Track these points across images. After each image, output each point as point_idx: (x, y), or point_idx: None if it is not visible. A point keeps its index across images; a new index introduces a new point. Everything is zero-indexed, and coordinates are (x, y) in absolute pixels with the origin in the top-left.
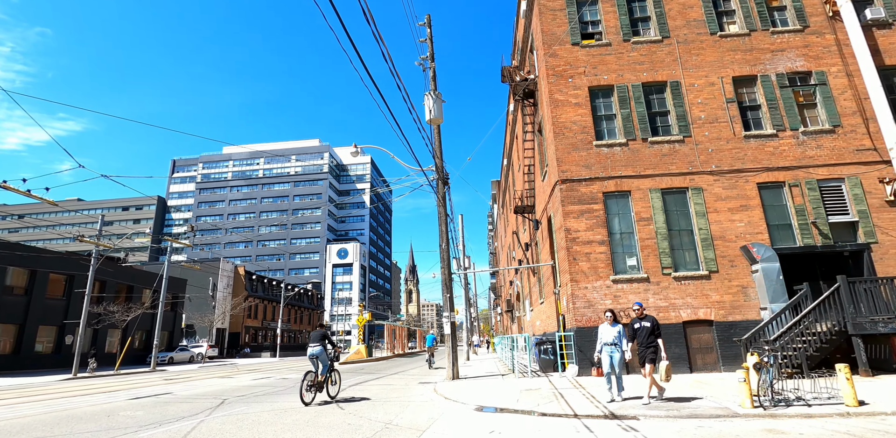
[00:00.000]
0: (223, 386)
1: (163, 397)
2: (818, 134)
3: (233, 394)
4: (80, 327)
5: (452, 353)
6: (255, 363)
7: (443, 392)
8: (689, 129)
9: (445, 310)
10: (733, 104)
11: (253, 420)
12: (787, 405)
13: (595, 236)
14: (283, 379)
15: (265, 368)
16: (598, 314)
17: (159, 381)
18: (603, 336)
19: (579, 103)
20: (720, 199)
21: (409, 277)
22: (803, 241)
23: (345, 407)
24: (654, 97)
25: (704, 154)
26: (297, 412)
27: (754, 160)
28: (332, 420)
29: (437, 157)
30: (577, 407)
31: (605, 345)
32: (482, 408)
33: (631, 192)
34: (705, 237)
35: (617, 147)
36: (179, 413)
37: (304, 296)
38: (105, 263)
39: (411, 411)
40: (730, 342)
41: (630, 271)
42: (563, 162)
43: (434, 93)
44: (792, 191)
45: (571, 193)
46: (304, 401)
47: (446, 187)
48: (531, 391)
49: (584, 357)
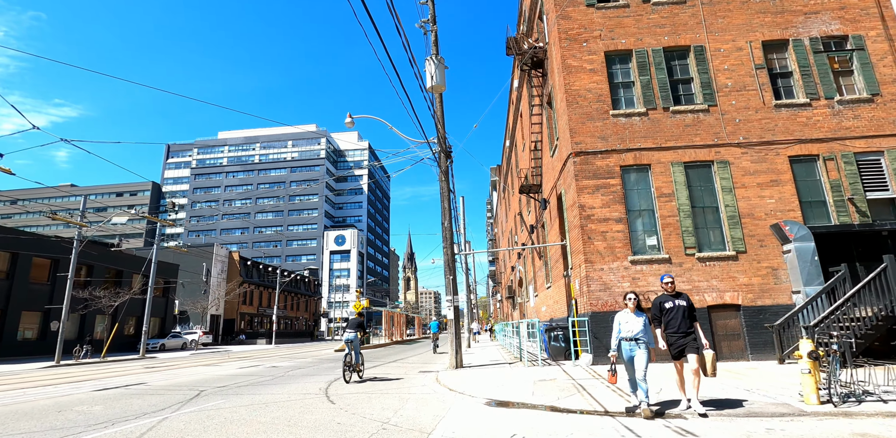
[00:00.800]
0: (205, 376)
1: (134, 388)
2: (855, 103)
3: (213, 385)
4: (62, 312)
5: (456, 340)
6: (248, 350)
7: (447, 383)
8: (714, 97)
9: (448, 293)
10: (763, 71)
11: (225, 417)
12: (857, 401)
13: (612, 213)
14: (272, 368)
15: (257, 355)
16: (615, 297)
17: (140, 369)
18: (621, 328)
19: (594, 70)
20: (748, 173)
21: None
22: (839, 219)
23: (336, 402)
24: (676, 63)
25: (731, 125)
26: (279, 407)
27: (785, 132)
28: (317, 419)
29: (440, 126)
30: (607, 402)
31: (624, 340)
32: (494, 402)
33: (651, 165)
34: (732, 215)
35: (636, 117)
36: (144, 408)
37: (300, 282)
38: (92, 247)
39: (412, 406)
40: (759, 329)
41: (650, 252)
42: (577, 133)
43: (436, 58)
44: (826, 165)
45: (586, 166)
46: (346, 380)
47: (449, 161)
48: (545, 382)
49: (600, 344)
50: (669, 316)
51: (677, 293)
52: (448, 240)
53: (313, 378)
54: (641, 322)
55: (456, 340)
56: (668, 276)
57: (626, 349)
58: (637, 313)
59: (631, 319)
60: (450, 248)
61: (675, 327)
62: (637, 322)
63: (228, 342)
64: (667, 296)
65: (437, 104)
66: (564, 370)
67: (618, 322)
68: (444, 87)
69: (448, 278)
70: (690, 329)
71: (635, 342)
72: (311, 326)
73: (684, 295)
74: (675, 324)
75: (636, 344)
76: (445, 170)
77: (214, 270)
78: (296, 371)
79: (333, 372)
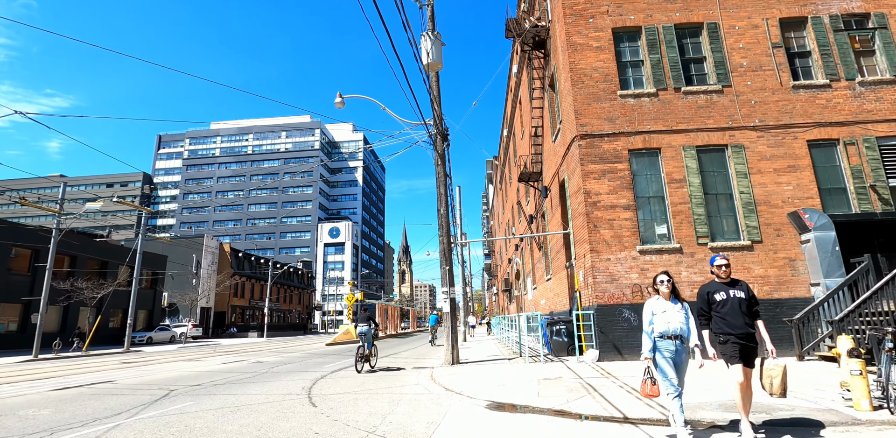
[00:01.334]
0: (183, 372)
1: (98, 387)
2: (877, 85)
3: (187, 383)
4: (40, 304)
5: (452, 334)
6: (238, 343)
7: (442, 382)
8: (728, 77)
9: (444, 285)
10: (780, 50)
11: (186, 424)
12: None
13: (619, 199)
14: (256, 363)
15: (245, 350)
16: (622, 289)
17: (116, 365)
18: (656, 321)
19: (601, 47)
20: (764, 158)
21: (402, 257)
22: (860, 207)
23: (318, 404)
24: (688, 41)
25: (746, 107)
26: (251, 411)
27: (804, 114)
28: (292, 427)
29: (436, 105)
30: (624, 406)
31: (664, 338)
32: (495, 405)
33: (661, 149)
34: (747, 202)
35: (645, 98)
36: (98, 411)
37: (293, 275)
38: (75, 237)
39: (404, 410)
40: (775, 323)
41: (660, 241)
42: (583, 115)
43: (432, 33)
44: (847, 150)
45: (592, 150)
46: (357, 369)
47: (446, 144)
48: (550, 380)
49: (607, 339)
50: (722, 311)
51: (732, 281)
52: (444, 228)
53: (298, 376)
54: (683, 314)
55: (452, 334)
56: (720, 257)
57: (666, 350)
58: (674, 300)
59: (669, 308)
60: (446, 236)
61: (730, 326)
62: (678, 313)
63: (219, 336)
64: (718, 284)
65: (433, 83)
66: (569, 367)
67: (650, 313)
68: (440, 64)
69: (444, 268)
70: (752, 330)
71: (678, 340)
72: (304, 319)
73: (742, 283)
74: (730, 322)
75: (678, 344)
76: (442, 153)
77: (205, 261)
78: (281, 368)
79: (322, 368)
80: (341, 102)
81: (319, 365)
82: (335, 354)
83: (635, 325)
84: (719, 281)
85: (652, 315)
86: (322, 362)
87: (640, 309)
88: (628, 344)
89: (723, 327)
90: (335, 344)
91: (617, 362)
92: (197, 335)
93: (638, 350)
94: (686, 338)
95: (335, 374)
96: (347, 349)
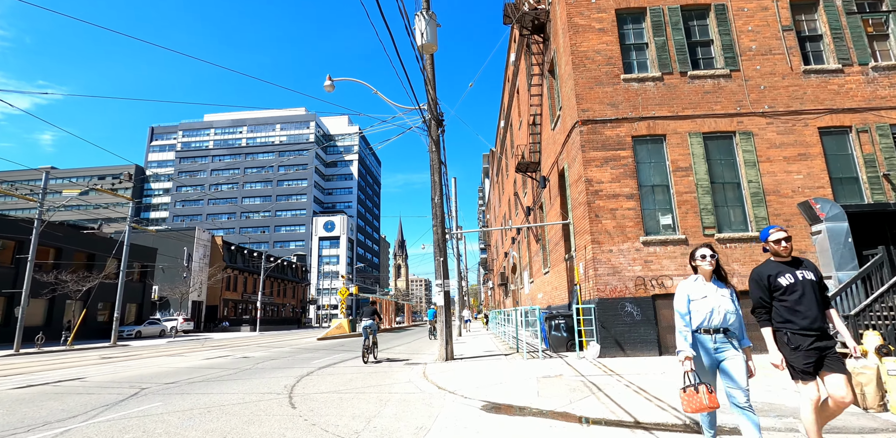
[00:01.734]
0: (162, 368)
1: (64, 385)
2: (892, 70)
3: (162, 380)
4: (22, 296)
5: (446, 328)
6: (229, 337)
7: (435, 379)
8: (736, 61)
9: (438, 277)
10: (790, 33)
11: (145, 429)
12: None
13: (622, 188)
14: (242, 359)
15: (234, 344)
16: (625, 282)
17: (95, 360)
18: (694, 308)
19: (604, 29)
20: (774, 146)
21: (398, 252)
22: (872, 197)
23: (298, 405)
24: (694, 23)
25: (755, 92)
26: (223, 413)
27: (815, 100)
28: (263, 432)
29: (430, 87)
30: (633, 408)
31: (706, 332)
32: (492, 406)
33: (666, 136)
34: (756, 192)
35: (649, 82)
36: (52, 414)
37: (287, 268)
38: (59, 228)
39: (391, 412)
40: None
41: (664, 232)
42: (584, 99)
43: (426, 13)
44: (860, 137)
45: (594, 136)
46: (364, 361)
47: (440, 130)
48: (550, 378)
49: (608, 335)
50: (790, 300)
51: (795, 259)
52: (438, 218)
53: (283, 372)
54: (729, 299)
55: (446, 329)
56: (776, 228)
57: (707, 346)
58: (717, 281)
59: (710, 292)
60: (440, 226)
61: (805, 319)
62: (723, 298)
63: (211, 330)
64: (779, 265)
65: (427, 65)
66: (569, 364)
67: (685, 297)
68: (435, 46)
69: (438, 259)
70: (826, 323)
71: (725, 335)
72: (298, 313)
73: (807, 262)
74: (804, 314)
75: (728, 340)
76: (436, 139)
77: (196, 254)
78: (266, 364)
79: (309, 364)
80: (331, 84)
81: (307, 361)
82: (325, 349)
83: (638, 319)
84: (778, 260)
85: (688, 301)
86: (311, 357)
87: (643, 303)
88: (631, 340)
89: (794, 321)
90: (327, 339)
91: (619, 358)
92: (188, 329)
93: (641, 346)
94: (736, 335)
95: (322, 371)
96: (339, 343)
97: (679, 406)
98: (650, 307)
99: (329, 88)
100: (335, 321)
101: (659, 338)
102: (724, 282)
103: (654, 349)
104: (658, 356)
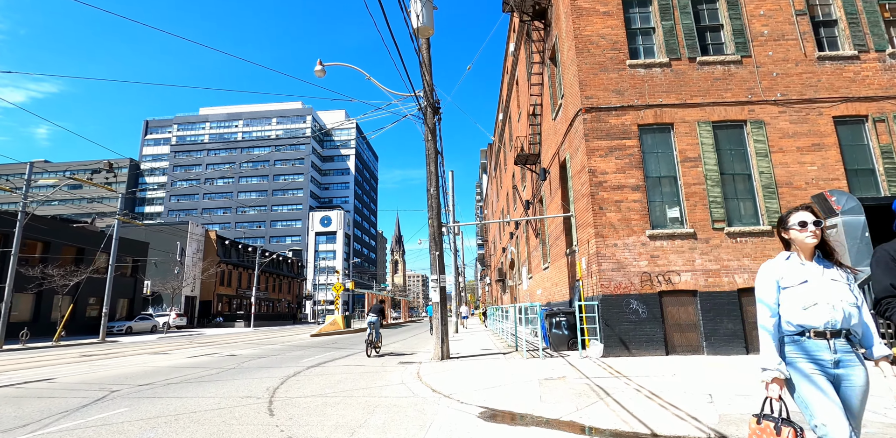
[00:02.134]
0: (141, 367)
1: (29, 386)
2: None
3: (136, 382)
4: (6, 291)
5: (442, 326)
6: (221, 333)
7: (429, 381)
8: (747, 47)
9: (433, 272)
10: (804, 18)
11: None
12: None
13: (627, 179)
14: (228, 357)
15: (224, 341)
16: (630, 278)
17: (72, 358)
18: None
19: (609, 12)
20: (787, 135)
21: (395, 247)
22: (889, 190)
23: (277, 412)
24: (703, 7)
25: (767, 79)
26: (191, 422)
27: (830, 88)
28: None
29: (426, 71)
30: (647, 417)
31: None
32: (490, 413)
33: (674, 125)
34: (767, 183)
35: (657, 68)
36: (2, 421)
37: (282, 263)
38: (47, 222)
39: (378, 421)
40: None
41: (671, 225)
42: (588, 86)
43: None
44: (877, 127)
45: (598, 124)
46: (367, 354)
47: (437, 117)
48: (553, 381)
49: (612, 333)
50: None
51: None
52: (434, 210)
53: (269, 372)
54: (845, 284)
55: (442, 326)
56: None
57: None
58: (822, 261)
59: (813, 276)
60: (436, 218)
61: None
62: (835, 284)
63: (205, 325)
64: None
65: (423, 49)
66: (572, 364)
67: (772, 283)
68: (432, 29)
69: (433, 254)
70: None
71: (848, 340)
72: (293, 308)
73: None
74: None
75: (853, 350)
76: (433, 128)
77: (189, 249)
78: (252, 362)
79: (298, 363)
80: (321, 69)
81: (296, 360)
82: (317, 346)
83: (644, 317)
84: None
85: (778, 290)
86: (301, 355)
87: (649, 300)
88: (636, 338)
89: None
90: (320, 335)
91: (624, 358)
92: (181, 325)
93: (647, 346)
94: (861, 339)
95: (310, 371)
96: (332, 340)
97: (701, 416)
98: (657, 305)
99: (320, 73)
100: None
101: (666, 337)
102: (837, 263)
103: (661, 349)
104: (665, 355)
